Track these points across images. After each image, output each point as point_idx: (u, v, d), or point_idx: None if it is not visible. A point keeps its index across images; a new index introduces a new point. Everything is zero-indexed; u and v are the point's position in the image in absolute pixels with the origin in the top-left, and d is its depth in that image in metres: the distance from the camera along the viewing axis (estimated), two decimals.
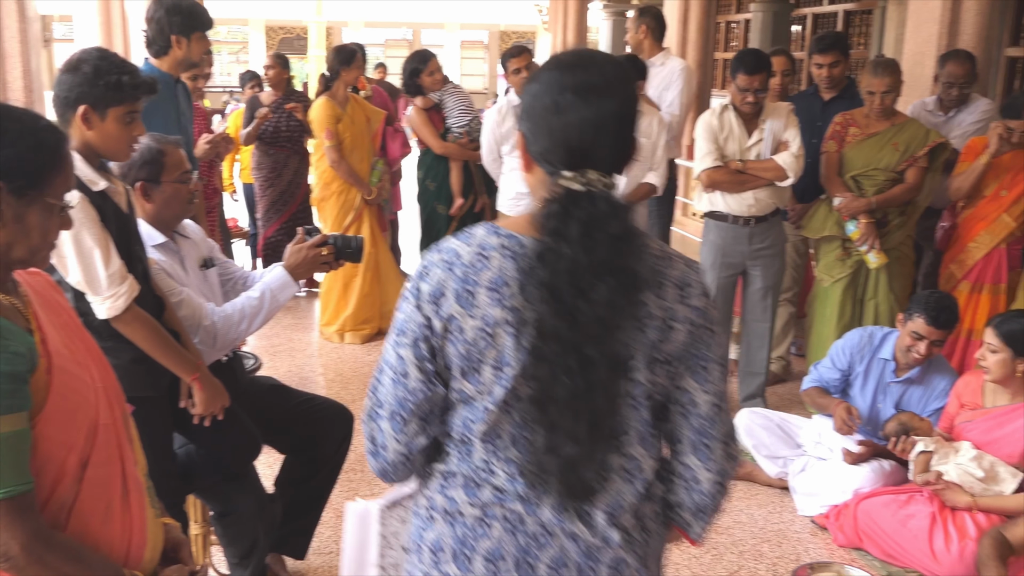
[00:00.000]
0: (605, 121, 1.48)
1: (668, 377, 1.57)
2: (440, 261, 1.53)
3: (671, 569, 3.46)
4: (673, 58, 5.61)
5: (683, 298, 1.54)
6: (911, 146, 4.52)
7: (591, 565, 1.56)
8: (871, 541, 3.57)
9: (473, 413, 1.55)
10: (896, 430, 3.74)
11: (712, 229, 4.73)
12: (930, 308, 3.76)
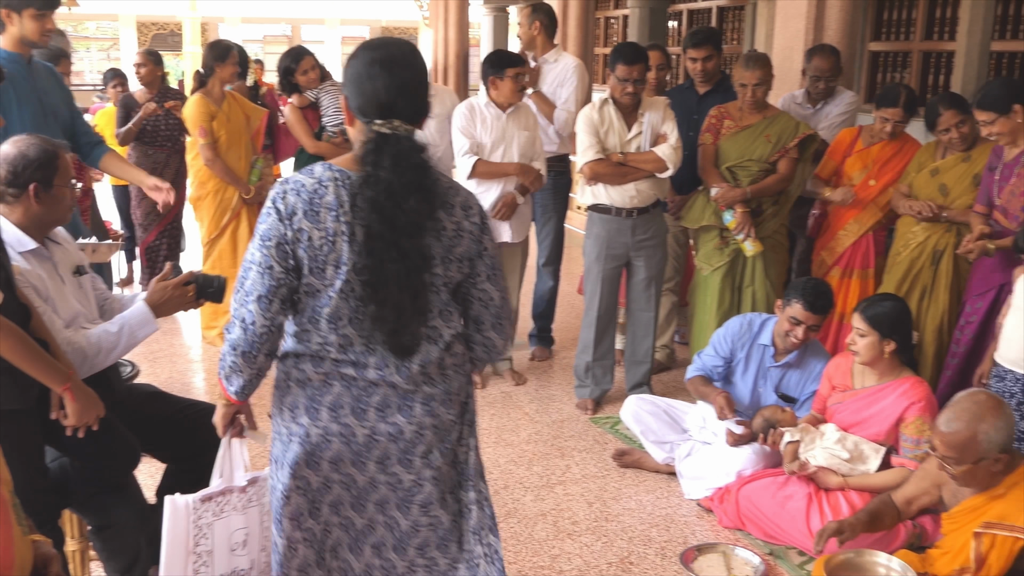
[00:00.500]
0: (403, 85, 2.11)
1: (460, 272, 2.20)
2: (291, 189, 2.10)
3: (563, 559, 3.50)
4: (565, 55, 5.65)
5: (467, 216, 2.20)
6: (782, 138, 4.67)
7: (407, 403, 2.19)
8: (753, 523, 3.68)
9: (319, 301, 2.13)
10: (761, 426, 3.87)
11: (596, 222, 4.80)
12: (807, 294, 3.90)
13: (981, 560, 2.79)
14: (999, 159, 3.94)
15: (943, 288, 4.28)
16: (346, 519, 2.28)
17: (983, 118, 3.83)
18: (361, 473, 2.22)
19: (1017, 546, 2.73)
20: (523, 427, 4.74)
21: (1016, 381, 3.37)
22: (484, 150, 4.91)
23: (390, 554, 2.30)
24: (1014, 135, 3.83)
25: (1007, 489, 2.81)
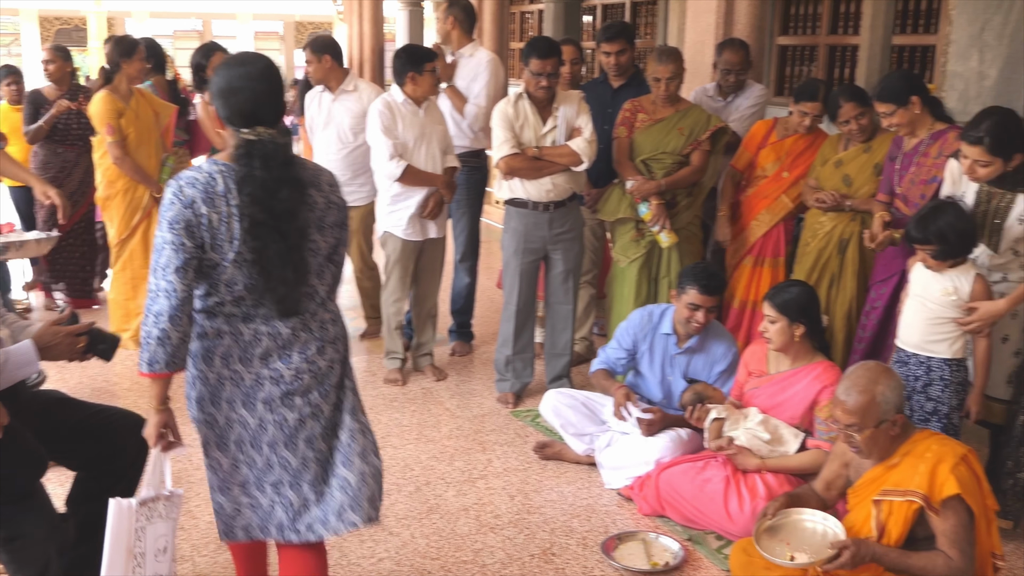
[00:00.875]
0: (263, 96, 2.50)
1: (333, 237, 2.63)
2: (185, 183, 2.47)
3: (486, 553, 3.51)
4: (481, 50, 5.63)
5: (333, 191, 2.65)
6: (695, 130, 4.75)
7: (287, 352, 2.58)
8: (672, 508, 3.74)
9: (217, 270, 2.49)
10: (691, 399, 3.94)
11: (513, 216, 4.81)
12: (700, 278, 3.99)
13: (882, 527, 2.89)
14: (899, 149, 4.06)
15: (850, 275, 4.41)
16: (249, 458, 2.62)
17: (883, 109, 3.94)
18: (251, 415, 2.59)
19: (912, 509, 2.83)
20: (444, 423, 4.73)
21: (919, 364, 3.50)
22: (407, 149, 4.88)
23: (287, 492, 2.64)
24: (912, 126, 3.95)
25: (901, 458, 2.92)
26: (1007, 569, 3.43)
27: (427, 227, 5.04)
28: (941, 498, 2.79)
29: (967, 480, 2.82)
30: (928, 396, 3.45)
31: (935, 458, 2.85)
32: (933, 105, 3.98)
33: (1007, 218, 3.49)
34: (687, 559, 3.47)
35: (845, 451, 3.11)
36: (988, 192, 3.54)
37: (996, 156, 3.39)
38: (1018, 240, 3.49)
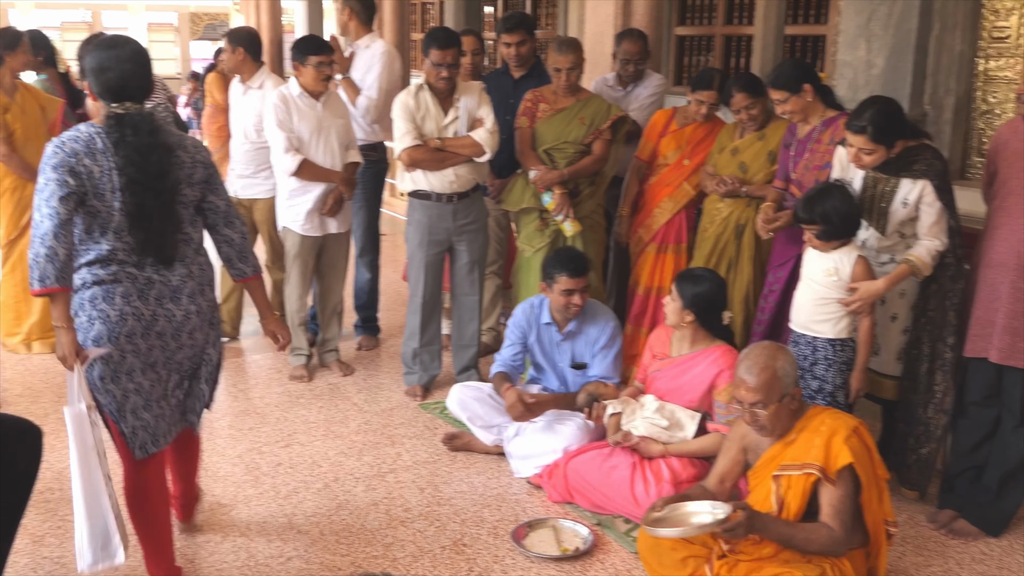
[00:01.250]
0: (130, 75, 2.88)
1: (200, 191, 3.04)
2: (68, 140, 2.81)
3: (396, 546, 3.49)
4: (379, 41, 5.56)
5: (197, 152, 3.04)
6: (595, 120, 4.79)
7: (176, 295, 2.96)
8: (581, 495, 3.78)
9: (104, 218, 2.84)
10: (585, 400, 3.98)
11: (417, 208, 4.78)
12: (566, 264, 4.05)
13: (781, 502, 2.98)
14: (793, 136, 4.17)
15: (747, 260, 4.51)
16: (138, 384, 2.95)
17: (777, 97, 4.04)
18: (146, 344, 2.93)
19: (810, 482, 2.93)
20: (352, 418, 4.69)
21: (808, 344, 3.61)
22: (303, 143, 4.81)
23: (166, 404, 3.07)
24: (806, 113, 4.06)
25: (797, 434, 3.02)
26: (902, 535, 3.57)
27: (326, 223, 4.98)
28: (836, 469, 2.89)
29: (859, 451, 2.93)
30: (814, 375, 3.57)
31: (829, 431, 2.95)
32: (825, 93, 4.10)
33: (892, 202, 3.62)
34: (596, 543, 3.52)
35: (743, 436, 3.20)
36: (874, 177, 3.66)
37: (879, 144, 3.50)
38: (903, 223, 3.63)
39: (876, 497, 3.00)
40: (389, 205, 9.29)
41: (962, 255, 3.66)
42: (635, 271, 5.03)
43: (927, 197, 3.54)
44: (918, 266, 3.51)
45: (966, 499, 3.67)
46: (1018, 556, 3.50)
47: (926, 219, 3.56)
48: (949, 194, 3.59)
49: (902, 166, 3.59)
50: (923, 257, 3.51)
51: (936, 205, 3.53)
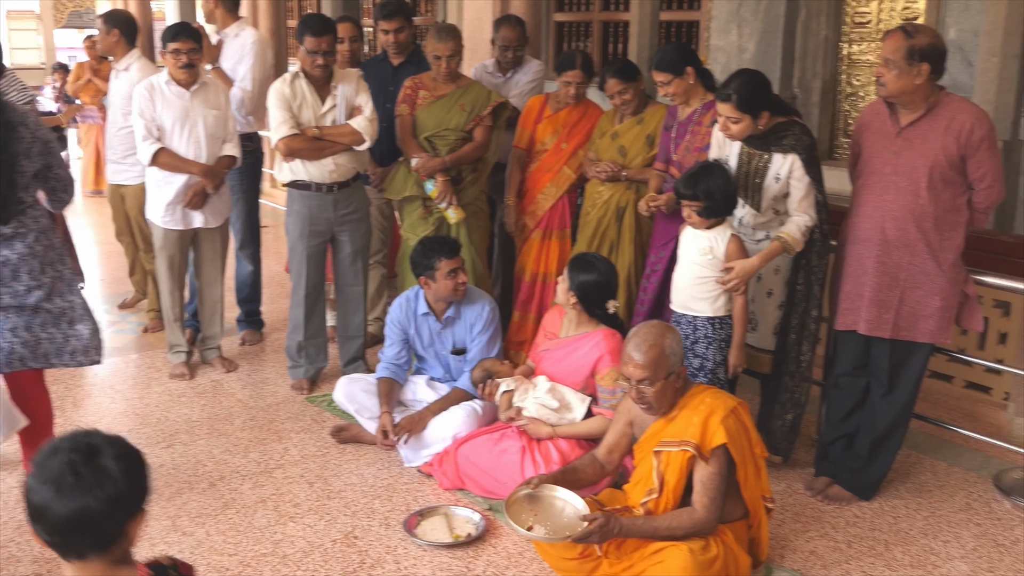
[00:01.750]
0: None
1: (39, 163, 3.40)
2: None
3: (286, 543, 3.43)
4: (248, 29, 5.43)
5: (38, 129, 3.38)
6: (476, 106, 4.79)
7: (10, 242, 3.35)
8: (472, 481, 3.79)
9: None
10: (480, 376, 4.01)
11: (296, 199, 4.70)
12: (440, 248, 4.08)
13: (662, 478, 3.06)
14: (674, 119, 4.26)
15: (627, 242, 4.59)
16: None
17: (660, 79, 4.13)
18: None
19: (687, 458, 3.02)
20: (237, 414, 4.58)
21: (688, 323, 3.70)
22: (164, 132, 4.66)
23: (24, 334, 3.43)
24: (688, 95, 4.16)
25: (679, 411, 3.11)
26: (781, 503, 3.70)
27: (190, 216, 4.83)
28: (711, 447, 2.98)
29: (735, 431, 3.02)
30: (695, 353, 3.66)
31: (708, 410, 3.03)
32: (705, 76, 4.20)
33: (765, 177, 3.73)
34: (488, 528, 3.53)
35: (629, 409, 3.27)
36: (748, 154, 3.77)
37: (744, 113, 3.60)
38: (776, 199, 3.75)
39: (754, 474, 3.10)
40: (270, 196, 9.12)
41: (828, 231, 3.81)
42: (521, 258, 5.06)
43: (796, 172, 3.66)
44: (789, 243, 3.63)
45: (839, 466, 3.83)
46: (888, 517, 3.67)
47: (795, 194, 3.68)
48: (817, 169, 3.72)
49: (772, 141, 3.70)
50: (793, 233, 3.63)
51: (804, 180, 3.65)
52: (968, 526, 3.62)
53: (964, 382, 4.74)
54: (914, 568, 3.32)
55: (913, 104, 3.46)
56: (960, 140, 3.39)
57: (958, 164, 3.44)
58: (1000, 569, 3.32)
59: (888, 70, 3.40)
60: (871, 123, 3.65)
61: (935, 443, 4.34)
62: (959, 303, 3.63)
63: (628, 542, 3.05)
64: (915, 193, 3.47)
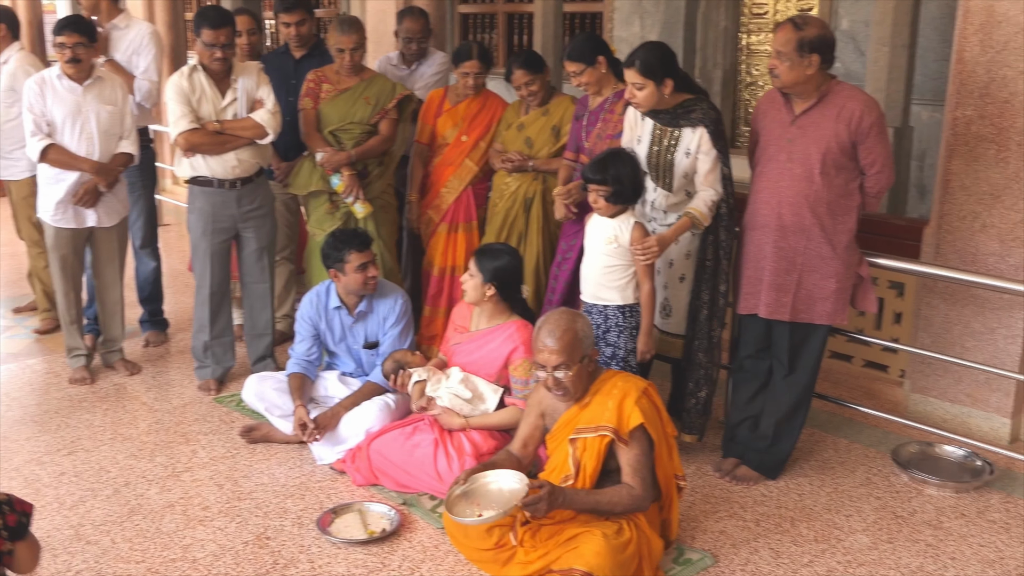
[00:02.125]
0: None
1: None
2: None
3: (196, 547, 3.36)
4: (137, 21, 5.28)
5: None
6: (380, 99, 4.75)
7: None
8: (385, 475, 3.77)
9: None
10: (392, 368, 3.99)
11: (198, 195, 4.59)
12: (352, 241, 4.02)
13: (578, 464, 3.10)
14: (585, 108, 4.30)
15: (535, 233, 4.62)
16: None
17: (572, 69, 4.16)
18: None
19: (604, 443, 3.06)
20: (142, 418, 4.47)
21: (599, 313, 3.74)
22: (55, 127, 4.51)
23: None
24: (599, 84, 4.20)
25: (591, 397, 3.15)
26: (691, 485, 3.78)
27: (84, 215, 4.68)
28: (628, 429, 3.02)
29: (649, 411, 3.07)
30: (607, 342, 3.71)
31: (621, 393, 3.08)
32: (616, 66, 4.25)
33: (676, 153, 3.80)
34: (403, 523, 3.52)
35: (540, 401, 3.29)
36: (659, 131, 3.84)
37: (647, 78, 3.67)
38: (687, 175, 3.82)
39: (666, 454, 3.16)
40: (171, 193, 8.89)
41: (734, 205, 3.92)
42: (428, 252, 5.04)
43: (704, 145, 3.74)
44: (698, 217, 3.70)
45: (746, 447, 3.93)
46: (793, 495, 3.78)
47: (702, 168, 3.76)
48: (723, 142, 3.81)
49: (681, 116, 3.78)
50: (701, 208, 3.70)
51: (712, 153, 3.74)
52: (869, 500, 3.75)
53: (863, 361, 4.89)
54: (818, 543, 3.43)
55: (806, 93, 3.56)
56: (851, 127, 3.50)
57: (849, 150, 3.55)
58: (899, 540, 3.45)
59: (780, 62, 3.49)
60: (767, 111, 3.74)
61: (836, 421, 4.48)
62: (854, 285, 3.76)
63: (543, 530, 3.08)
64: (809, 179, 3.58)
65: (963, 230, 4.20)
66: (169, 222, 8.68)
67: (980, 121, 4.08)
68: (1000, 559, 3.33)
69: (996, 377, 4.16)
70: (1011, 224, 4.06)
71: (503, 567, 3.11)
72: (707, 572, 3.23)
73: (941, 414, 4.40)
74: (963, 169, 4.17)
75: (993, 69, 4.01)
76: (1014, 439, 4.24)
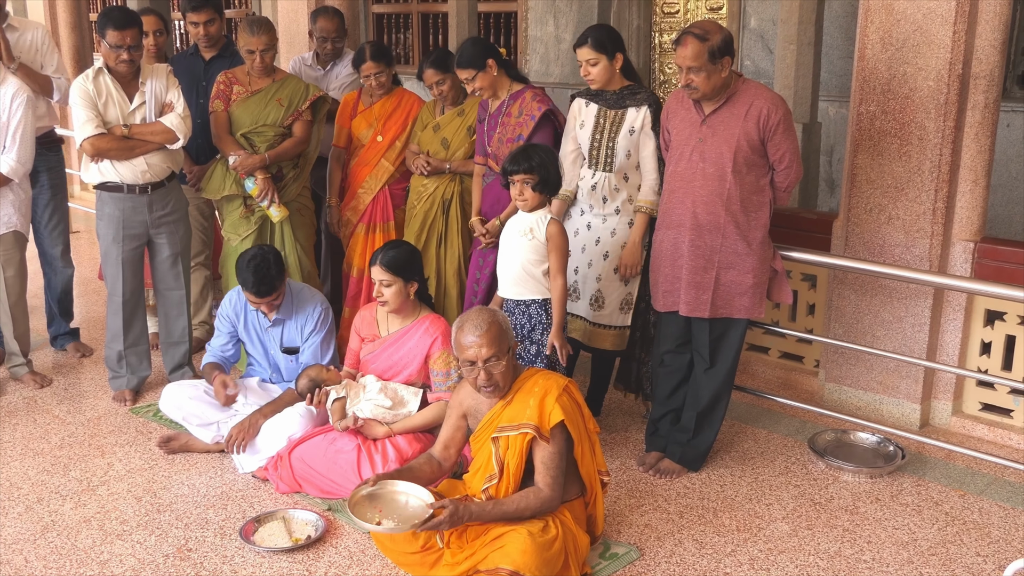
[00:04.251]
0: None
1: None
2: None
3: (114, 562, 3.27)
4: (27, 22, 5.10)
5: None
6: (294, 101, 4.69)
7: None
8: (309, 483, 3.72)
9: None
10: (307, 386, 3.92)
11: (108, 202, 4.46)
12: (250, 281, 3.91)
13: (501, 463, 3.11)
14: (485, 112, 4.32)
15: (455, 234, 4.61)
16: None
17: (464, 76, 4.17)
18: None
19: (526, 441, 3.08)
20: (54, 432, 4.33)
21: (522, 313, 3.75)
22: None
23: None
24: (494, 88, 4.21)
25: (513, 395, 3.16)
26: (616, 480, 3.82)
27: None
28: (549, 427, 3.04)
29: (569, 408, 3.10)
30: (531, 340, 3.72)
31: (542, 391, 3.10)
32: (508, 67, 4.27)
33: (619, 132, 3.93)
34: (328, 529, 3.48)
35: (462, 402, 3.29)
36: (603, 113, 3.96)
37: (600, 52, 3.87)
38: (629, 154, 3.93)
39: (589, 451, 3.18)
40: (80, 200, 8.64)
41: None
42: (347, 253, 5.00)
43: (647, 125, 3.92)
44: (650, 207, 3.92)
45: (668, 440, 3.99)
46: (715, 486, 3.85)
47: (645, 149, 3.94)
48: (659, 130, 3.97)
49: (627, 97, 3.96)
50: (649, 197, 3.92)
51: (653, 134, 3.92)
52: (788, 488, 3.84)
53: (779, 353, 5.01)
54: (740, 532, 3.50)
55: (717, 95, 3.63)
56: (759, 124, 3.58)
57: (759, 147, 3.63)
58: (818, 526, 3.54)
59: (696, 75, 3.54)
60: (677, 111, 3.80)
61: (755, 412, 4.58)
62: (770, 278, 3.84)
63: (469, 531, 3.08)
64: (722, 178, 3.64)
65: (870, 222, 4.33)
66: (78, 229, 8.43)
67: (883, 117, 4.21)
68: (913, 540, 3.45)
69: (905, 364, 4.30)
70: (915, 216, 4.20)
71: (430, 569, 3.10)
72: (633, 566, 3.27)
73: (855, 402, 4.53)
74: (868, 163, 4.29)
75: (894, 66, 4.14)
76: (924, 424, 4.39)
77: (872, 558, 3.33)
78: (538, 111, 4.11)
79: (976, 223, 4.23)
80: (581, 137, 4.00)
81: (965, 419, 4.34)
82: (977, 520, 3.59)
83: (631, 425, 4.40)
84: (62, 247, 5.20)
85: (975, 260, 4.19)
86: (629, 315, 4.14)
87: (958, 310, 4.27)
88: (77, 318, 5.53)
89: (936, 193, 4.13)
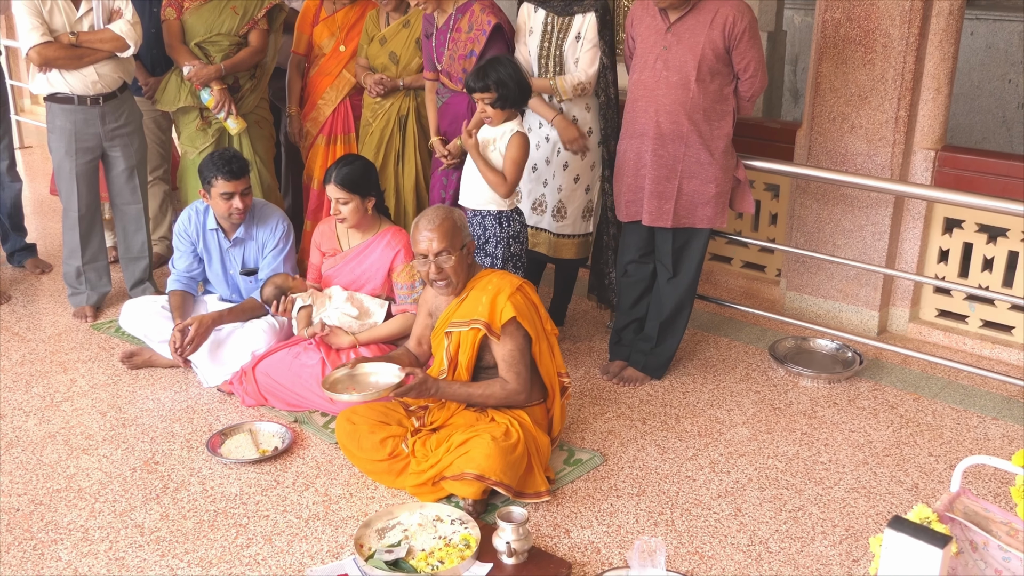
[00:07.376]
0: None
1: None
2: None
3: (81, 476, 3.28)
4: None
5: None
6: (249, 9, 4.55)
7: None
8: (274, 396, 3.73)
9: None
10: (273, 294, 3.90)
11: (58, 114, 4.34)
12: (221, 166, 3.84)
13: (452, 358, 3.18)
14: (432, 26, 4.16)
15: (412, 149, 4.52)
16: None
17: None
18: None
19: (477, 336, 3.13)
20: (14, 349, 4.29)
21: (479, 224, 3.74)
22: None
23: None
24: (439, 1, 4.07)
25: (468, 292, 3.21)
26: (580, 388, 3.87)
27: None
28: (501, 324, 3.08)
29: (522, 306, 3.14)
30: (486, 252, 3.72)
31: (495, 289, 3.15)
32: None
33: (566, 40, 3.90)
34: (295, 440, 3.50)
35: (427, 300, 3.36)
36: (551, 20, 3.92)
37: None
38: (577, 61, 3.92)
39: (547, 351, 3.22)
40: (31, 113, 8.40)
41: (615, 95, 4.05)
42: (308, 165, 4.92)
43: (589, 32, 3.88)
44: (558, 88, 3.91)
45: (632, 349, 4.03)
46: (677, 393, 3.91)
47: (584, 58, 3.92)
48: (610, 32, 3.97)
49: (574, 3, 3.91)
50: (564, 83, 3.91)
51: (594, 41, 3.90)
52: (748, 394, 3.91)
53: (742, 262, 5.05)
54: (702, 437, 3.57)
55: (680, 3, 3.57)
56: (724, 33, 3.54)
57: (724, 56, 3.59)
58: (776, 430, 3.62)
59: None
60: (642, 18, 3.74)
61: (718, 321, 4.63)
62: (732, 188, 3.85)
63: (432, 438, 3.12)
64: (685, 87, 3.61)
65: (833, 131, 4.33)
66: (30, 144, 8.22)
67: (848, 24, 4.18)
68: (869, 442, 3.54)
69: (865, 272, 4.36)
70: (877, 124, 4.20)
71: (397, 477, 3.14)
72: (597, 471, 3.33)
73: (815, 310, 4.60)
74: (832, 71, 4.27)
75: None
76: (882, 330, 4.47)
77: (829, 459, 3.42)
78: (488, 25, 3.98)
79: (937, 132, 4.24)
80: (530, 45, 3.95)
81: (922, 325, 4.43)
82: (931, 422, 3.69)
83: (595, 335, 4.44)
84: (7, 162, 5.07)
85: (936, 169, 4.22)
86: (590, 222, 4.15)
87: (918, 218, 4.32)
88: (33, 235, 5.44)
89: (899, 101, 4.13)
